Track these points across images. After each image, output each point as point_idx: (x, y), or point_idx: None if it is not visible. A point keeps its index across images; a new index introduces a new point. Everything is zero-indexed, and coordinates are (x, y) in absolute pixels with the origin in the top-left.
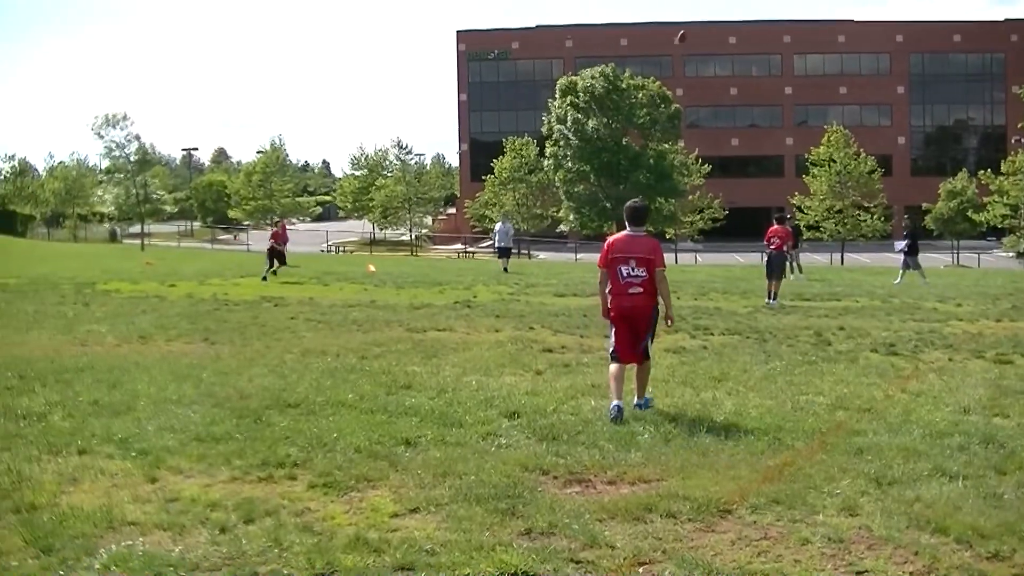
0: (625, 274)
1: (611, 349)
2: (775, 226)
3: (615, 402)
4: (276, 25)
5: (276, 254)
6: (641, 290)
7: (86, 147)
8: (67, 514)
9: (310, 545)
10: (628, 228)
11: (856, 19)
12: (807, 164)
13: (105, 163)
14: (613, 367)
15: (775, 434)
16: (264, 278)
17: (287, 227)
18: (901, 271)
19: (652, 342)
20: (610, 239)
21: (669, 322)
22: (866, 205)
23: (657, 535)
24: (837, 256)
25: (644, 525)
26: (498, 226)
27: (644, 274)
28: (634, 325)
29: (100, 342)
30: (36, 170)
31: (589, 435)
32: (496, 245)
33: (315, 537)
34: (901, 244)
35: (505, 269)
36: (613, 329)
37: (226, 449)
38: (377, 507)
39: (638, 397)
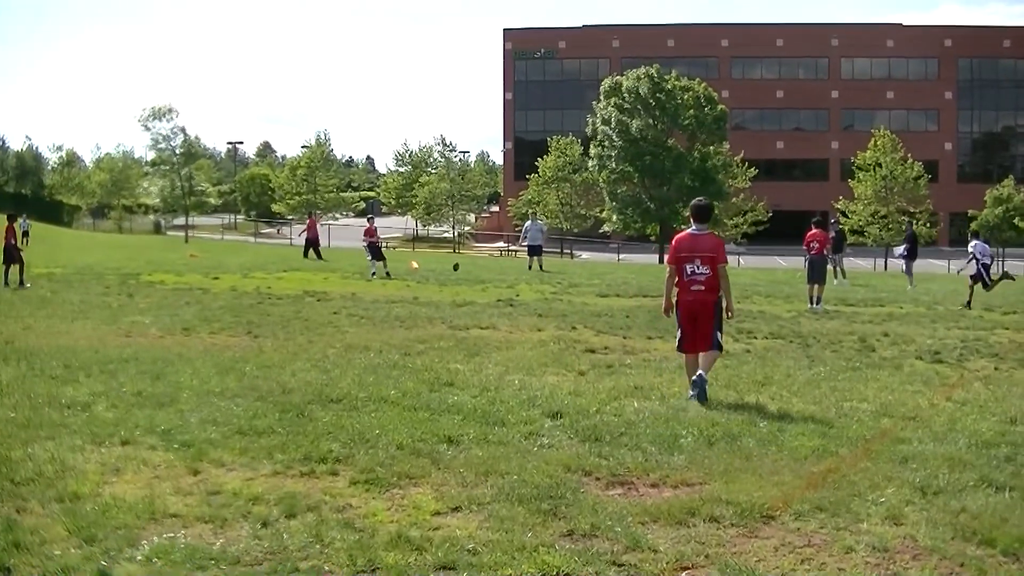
0: (690, 272)
1: (677, 341)
2: (814, 230)
3: (692, 391)
4: (324, 21)
5: (311, 246)
6: (703, 287)
7: (132, 139)
8: (110, 504)
9: (351, 542)
10: (692, 226)
11: (905, 23)
12: (852, 168)
13: (151, 155)
14: (685, 358)
15: (819, 440)
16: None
17: (316, 223)
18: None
19: (722, 333)
20: (676, 238)
21: (729, 313)
22: (911, 211)
23: (700, 539)
24: (881, 261)
25: (687, 529)
26: (528, 224)
27: (708, 271)
28: (697, 319)
29: (144, 333)
30: (83, 161)
31: (632, 437)
32: (527, 243)
33: (357, 534)
34: (900, 249)
35: (539, 267)
36: (678, 323)
37: (268, 443)
38: (419, 505)
39: (702, 371)
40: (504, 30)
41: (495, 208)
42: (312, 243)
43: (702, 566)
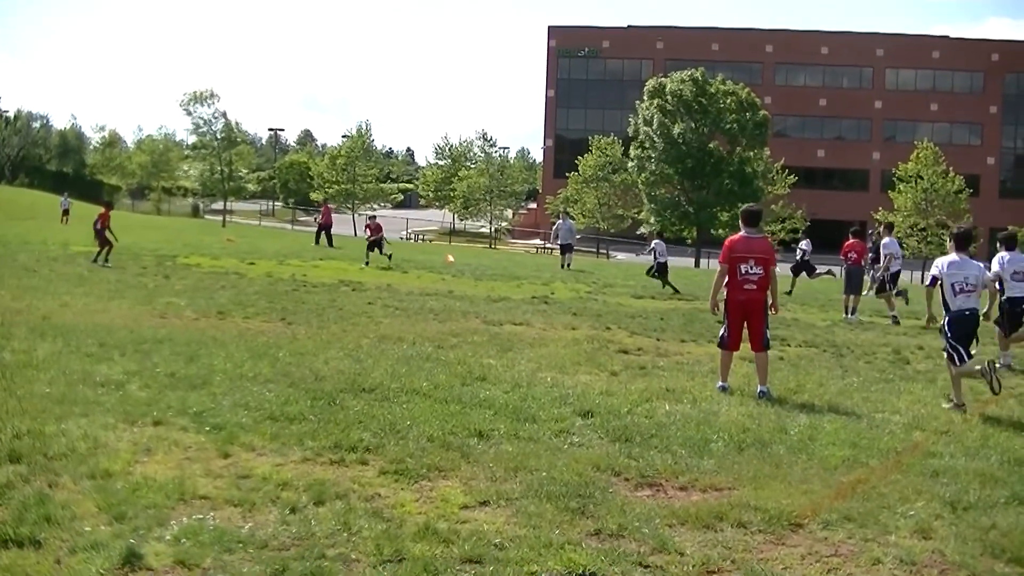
0: (744, 271)
1: (720, 336)
2: (851, 240)
3: (721, 383)
4: (369, 10)
5: (323, 231)
6: (755, 286)
7: (174, 122)
8: (140, 483)
9: (379, 531)
10: (744, 230)
11: (952, 35)
12: (893, 179)
13: (192, 139)
14: (723, 353)
15: (850, 450)
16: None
17: (331, 210)
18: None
19: (768, 333)
20: (730, 239)
21: (774, 310)
22: (951, 225)
23: (727, 544)
24: (918, 274)
25: (714, 533)
26: (559, 222)
27: (761, 272)
28: (748, 317)
29: (179, 315)
30: (125, 142)
31: (662, 439)
32: (559, 242)
33: (384, 523)
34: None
35: (567, 266)
36: (726, 320)
37: (299, 430)
38: (447, 497)
39: (761, 384)
40: (549, 27)
41: (533, 205)
42: (325, 229)
43: (728, 571)
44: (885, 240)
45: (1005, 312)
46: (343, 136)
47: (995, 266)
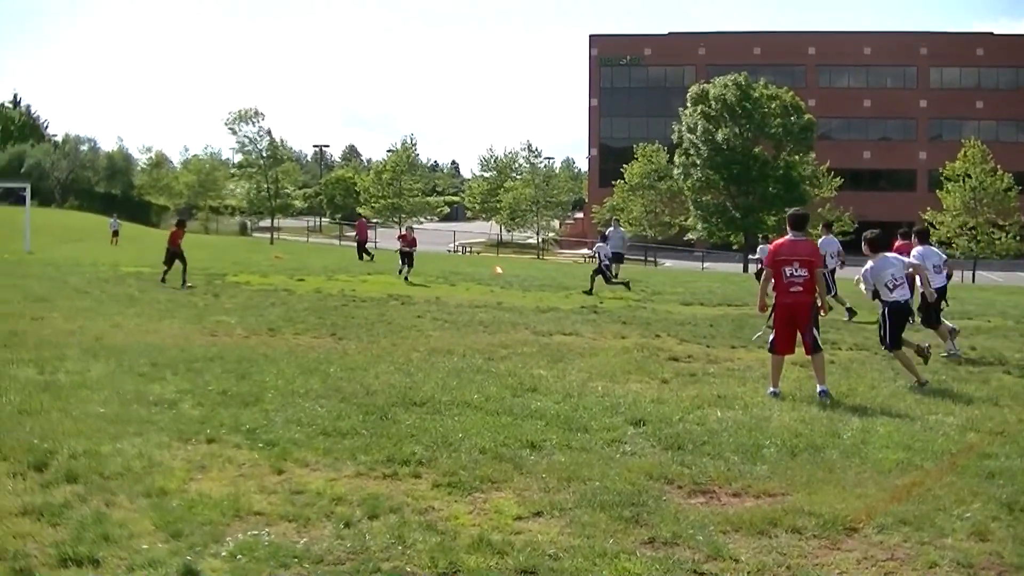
0: (789, 274)
1: (770, 341)
2: (900, 241)
3: (772, 388)
4: (410, 25)
5: (361, 247)
6: (801, 288)
7: (220, 141)
8: (196, 501)
9: (433, 544)
10: (790, 233)
11: (995, 32)
12: (940, 179)
13: (238, 158)
14: (773, 358)
15: (903, 453)
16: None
17: (365, 225)
18: None
19: (819, 333)
20: (775, 243)
21: (823, 312)
22: (1000, 223)
23: (781, 550)
24: (969, 274)
25: (768, 539)
26: (610, 230)
27: (806, 274)
28: (794, 319)
29: (229, 333)
30: (171, 162)
31: (715, 446)
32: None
33: (438, 536)
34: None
35: (616, 275)
36: (774, 324)
37: (352, 444)
38: (501, 509)
39: (820, 384)
40: (590, 36)
41: (579, 215)
42: (361, 244)
43: None
44: (822, 239)
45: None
46: (388, 151)
47: (914, 259)
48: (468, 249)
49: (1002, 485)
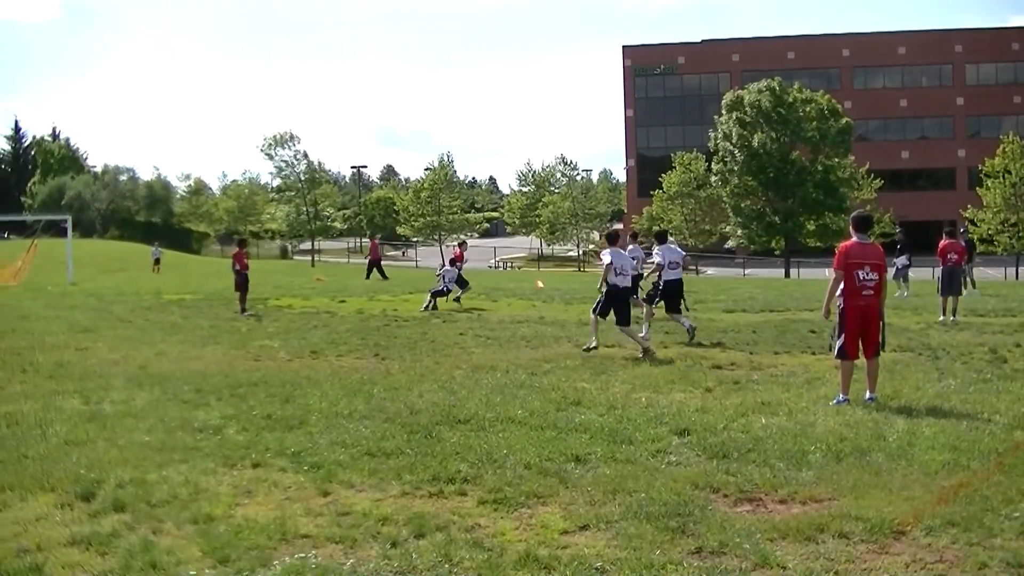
0: (861, 277)
1: (839, 347)
2: (947, 240)
3: (843, 396)
4: (443, 43)
5: (374, 267)
6: (872, 292)
7: (258, 166)
8: (242, 525)
9: (480, 561)
10: (855, 236)
11: None
12: (980, 176)
13: (276, 182)
14: (844, 364)
15: (950, 454)
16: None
17: (378, 245)
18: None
19: (884, 338)
20: (844, 245)
21: (882, 319)
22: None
23: (829, 556)
24: (1012, 270)
25: (816, 545)
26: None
27: (876, 278)
28: (866, 323)
29: (273, 357)
30: (210, 189)
31: (760, 453)
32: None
33: (485, 553)
34: (903, 259)
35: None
36: (844, 328)
37: (397, 464)
38: (547, 524)
39: (870, 391)
40: (623, 47)
41: (619, 225)
42: (375, 264)
43: None
44: (657, 248)
45: (660, 290)
46: (425, 169)
47: (656, 257)
48: (509, 264)
49: None
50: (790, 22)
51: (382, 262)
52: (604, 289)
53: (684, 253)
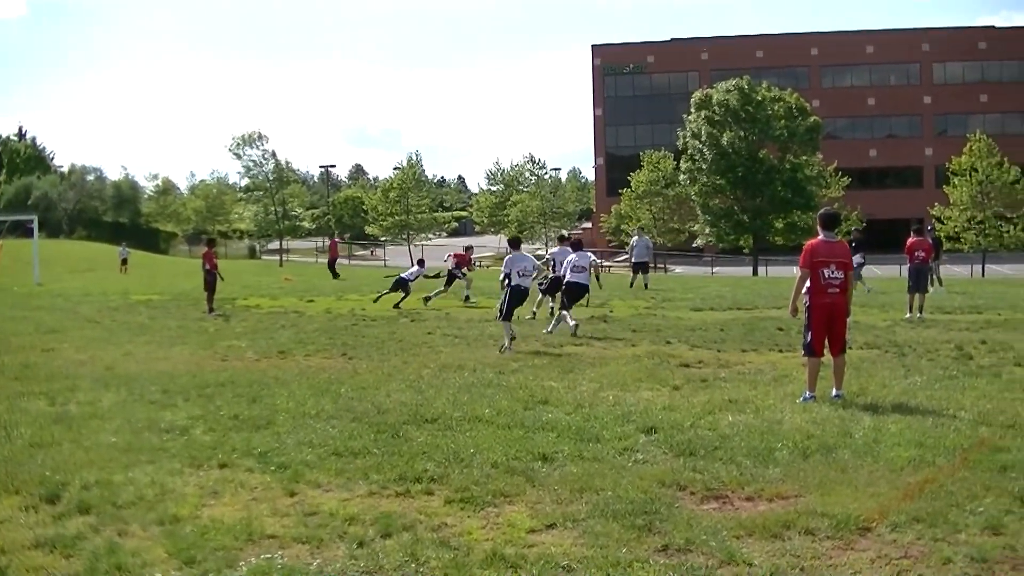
0: (827, 276)
1: (807, 344)
2: (915, 238)
3: (810, 393)
4: (412, 42)
5: (331, 266)
6: (838, 290)
7: (226, 166)
8: (208, 526)
9: (447, 560)
10: (822, 234)
11: (997, 25)
12: (947, 174)
13: (244, 181)
14: (811, 361)
15: (916, 450)
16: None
17: (337, 244)
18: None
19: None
20: (810, 243)
21: (848, 316)
22: (1008, 216)
23: (795, 552)
24: (978, 268)
25: (782, 542)
26: (634, 239)
27: (842, 276)
28: (832, 321)
29: (240, 357)
30: (178, 189)
31: (727, 451)
32: (634, 260)
33: (452, 552)
34: (858, 257)
35: (644, 285)
36: (810, 326)
37: (364, 464)
38: (514, 522)
39: (836, 388)
40: (593, 46)
41: (587, 224)
42: (331, 262)
43: None
44: (555, 249)
45: (565, 291)
46: (394, 168)
47: (561, 259)
48: (478, 263)
49: (1015, 478)
50: (759, 21)
51: (337, 261)
52: (508, 290)
53: (593, 259)
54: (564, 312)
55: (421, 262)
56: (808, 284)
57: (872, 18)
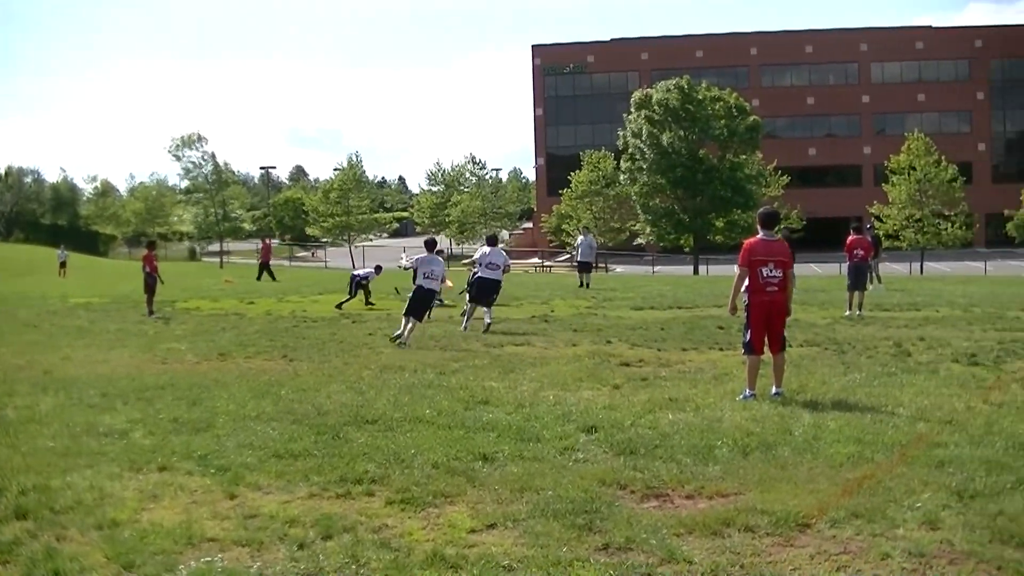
0: (765, 274)
1: (746, 342)
2: (854, 236)
3: (750, 391)
4: (352, 42)
5: (264, 268)
6: (777, 288)
7: (166, 167)
8: (148, 530)
9: (388, 561)
10: (761, 232)
11: (934, 25)
12: (886, 173)
13: (184, 183)
14: (751, 359)
15: (855, 447)
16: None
17: (271, 246)
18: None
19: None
20: (749, 242)
21: (788, 313)
22: (946, 213)
23: (735, 550)
24: (917, 265)
25: (722, 540)
26: (579, 239)
27: (780, 274)
28: (770, 319)
29: (180, 360)
30: (118, 191)
31: (667, 449)
32: (579, 259)
33: (393, 553)
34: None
35: (585, 285)
36: (749, 324)
37: (304, 466)
38: (455, 523)
39: (776, 386)
40: (533, 46)
41: (528, 224)
42: (265, 265)
43: None
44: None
45: (475, 286)
46: (335, 169)
47: (476, 255)
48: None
49: (952, 473)
50: (698, 21)
51: (271, 263)
52: (413, 290)
53: (507, 261)
54: (470, 305)
55: (378, 268)
56: (747, 283)
57: (811, 18)
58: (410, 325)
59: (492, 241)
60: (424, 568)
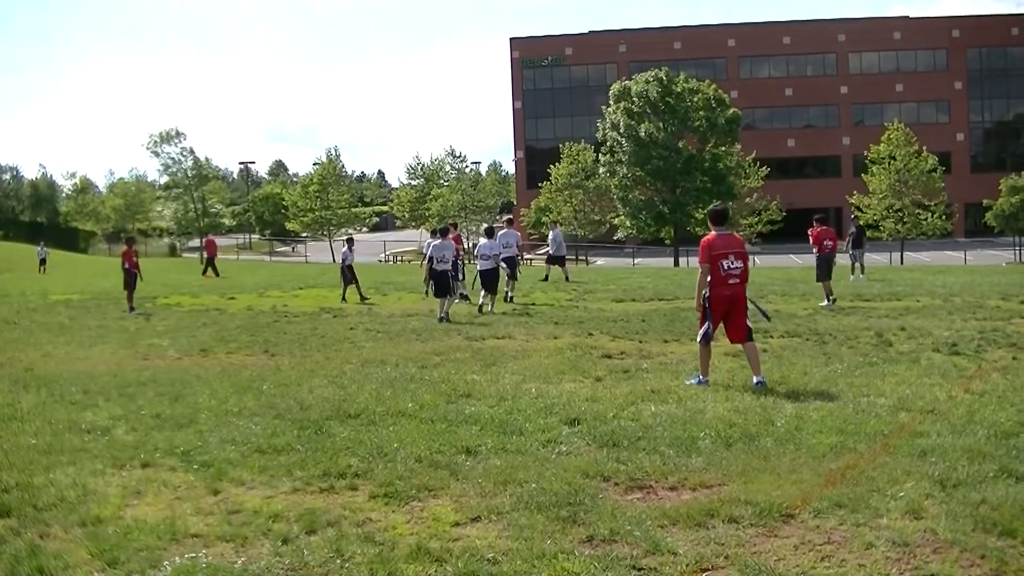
0: (726, 267)
1: (703, 333)
2: (821, 228)
3: (703, 377)
4: (331, 36)
5: (210, 263)
6: (738, 280)
7: (145, 163)
8: (131, 527)
9: (372, 555)
10: (714, 229)
11: (911, 15)
12: (865, 163)
13: (163, 179)
14: (704, 349)
15: (837, 437)
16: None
17: (215, 240)
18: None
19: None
20: (707, 239)
21: (750, 303)
22: (926, 203)
23: (719, 541)
24: (897, 255)
25: (706, 531)
26: (551, 234)
27: (741, 265)
28: (732, 310)
29: (162, 356)
30: (97, 187)
31: (650, 441)
32: (550, 252)
33: (377, 547)
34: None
35: (567, 278)
36: (710, 315)
37: (287, 460)
38: (438, 516)
39: (756, 375)
40: (511, 39)
41: (508, 217)
42: (209, 261)
43: (722, 567)
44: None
45: (477, 278)
46: (314, 164)
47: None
48: (399, 258)
49: (934, 463)
50: (676, 13)
51: (216, 259)
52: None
53: (506, 242)
54: (483, 294)
55: (350, 240)
56: (709, 277)
57: (788, 9)
58: (445, 304)
59: (490, 233)
60: (408, 562)
